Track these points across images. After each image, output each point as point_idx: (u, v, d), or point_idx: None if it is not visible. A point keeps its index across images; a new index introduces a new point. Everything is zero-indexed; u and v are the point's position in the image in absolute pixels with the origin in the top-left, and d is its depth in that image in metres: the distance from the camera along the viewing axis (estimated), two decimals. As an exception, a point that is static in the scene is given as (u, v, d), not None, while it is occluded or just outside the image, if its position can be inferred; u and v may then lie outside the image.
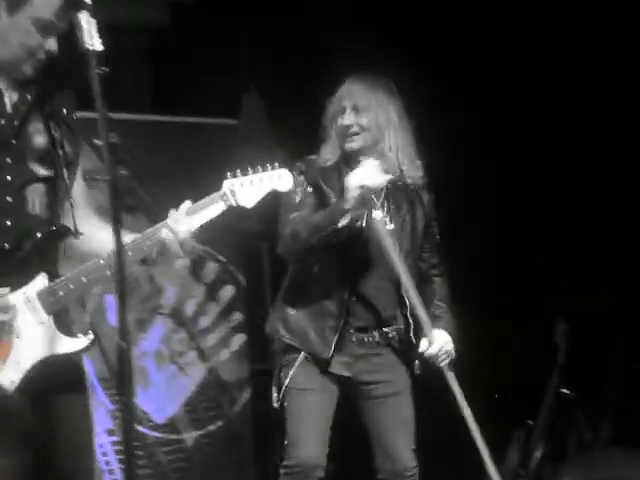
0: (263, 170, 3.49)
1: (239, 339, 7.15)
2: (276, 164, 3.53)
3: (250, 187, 3.43)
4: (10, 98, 3.26)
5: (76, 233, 3.21)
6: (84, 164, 3.47)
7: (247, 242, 7.34)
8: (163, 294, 6.91)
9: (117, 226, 2.62)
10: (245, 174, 3.45)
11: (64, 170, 3.20)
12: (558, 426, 6.59)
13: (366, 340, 4.68)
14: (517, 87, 6.87)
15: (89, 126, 3.15)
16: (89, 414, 3.31)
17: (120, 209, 2.68)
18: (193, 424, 6.96)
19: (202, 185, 3.61)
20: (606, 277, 6.85)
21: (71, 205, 3.23)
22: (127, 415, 2.72)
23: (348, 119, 4.62)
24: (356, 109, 4.63)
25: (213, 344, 7.08)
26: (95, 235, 3.27)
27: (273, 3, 7.47)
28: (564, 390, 6.48)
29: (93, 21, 3.01)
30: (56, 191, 3.24)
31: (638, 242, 6.80)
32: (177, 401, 6.91)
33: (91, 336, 3.21)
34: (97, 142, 2.76)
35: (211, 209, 3.36)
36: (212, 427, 7.01)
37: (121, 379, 2.70)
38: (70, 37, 3.10)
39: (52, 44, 3.25)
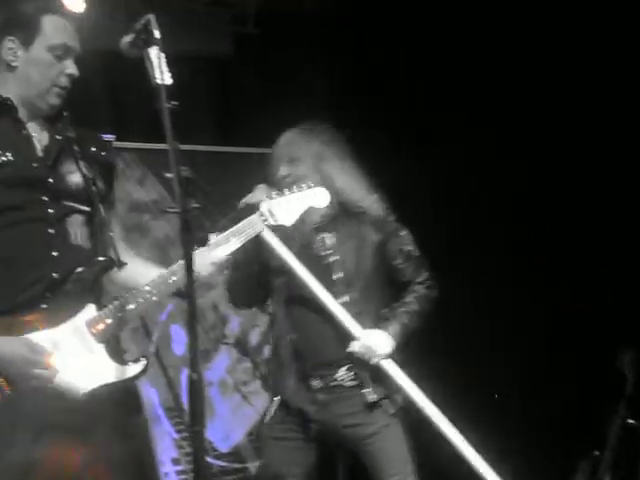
0: (299, 190, 3.60)
1: (303, 369, 7.15)
2: (311, 184, 3.65)
3: (287, 206, 3.56)
4: (40, 142, 3.33)
5: (119, 264, 3.25)
6: (150, 195, 3.53)
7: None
8: (227, 324, 6.95)
9: (188, 257, 2.66)
10: (281, 195, 3.57)
11: (99, 205, 3.26)
12: (625, 457, 6.50)
13: (326, 385, 4.49)
14: (521, 90, 6.80)
15: (158, 159, 3.20)
16: (148, 439, 3.32)
17: (191, 241, 2.72)
18: (257, 453, 6.96)
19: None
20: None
21: (111, 237, 3.28)
22: (198, 445, 2.74)
23: (283, 170, 4.50)
24: (291, 160, 4.53)
25: (278, 374, 7.08)
26: (130, 267, 3.31)
27: (335, 34, 7.52)
28: (631, 421, 6.39)
29: (163, 55, 3.07)
30: (95, 223, 3.29)
31: None
32: (241, 430, 6.93)
33: (143, 363, 3.22)
34: (168, 175, 2.81)
35: (250, 229, 3.44)
36: (276, 456, 7.01)
37: (192, 409, 2.73)
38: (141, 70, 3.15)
39: (71, 67, 3.33)
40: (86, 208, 3.30)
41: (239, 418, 6.93)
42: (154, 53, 3.09)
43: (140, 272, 3.22)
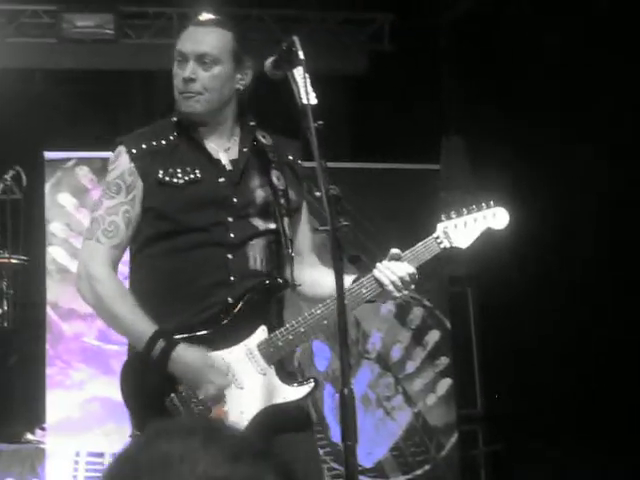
0: (477, 210, 3.46)
1: (445, 384, 7.14)
2: (491, 202, 3.50)
3: (464, 229, 3.43)
4: (227, 155, 3.38)
5: (293, 286, 3.29)
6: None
7: (452, 286, 7.37)
8: (369, 339, 6.99)
9: (339, 275, 2.68)
10: (459, 215, 3.44)
11: (285, 220, 3.28)
12: None
13: None
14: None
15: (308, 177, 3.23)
16: (318, 455, 3.35)
17: (341, 260, 2.74)
18: (400, 468, 6.97)
19: (406, 230, 3.66)
20: None
21: (291, 256, 3.31)
22: (350, 459, 2.77)
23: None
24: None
25: (419, 389, 7.10)
26: (319, 281, 3.32)
27: (469, 51, 7.50)
28: None
29: (307, 76, 3.11)
30: (276, 244, 3.33)
31: None
32: (385, 445, 6.95)
33: (312, 383, 3.25)
34: (317, 194, 2.85)
35: (426, 252, 3.36)
36: (419, 472, 7.02)
37: (344, 424, 2.75)
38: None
39: (185, 71, 3.33)
40: (270, 226, 3.33)
41: (382, 433, 6.95)
42: (299, 74, 3.13)
43: (326, 286, 3.20)
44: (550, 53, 6.80)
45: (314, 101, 3.07)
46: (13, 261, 7.72)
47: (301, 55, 3.12)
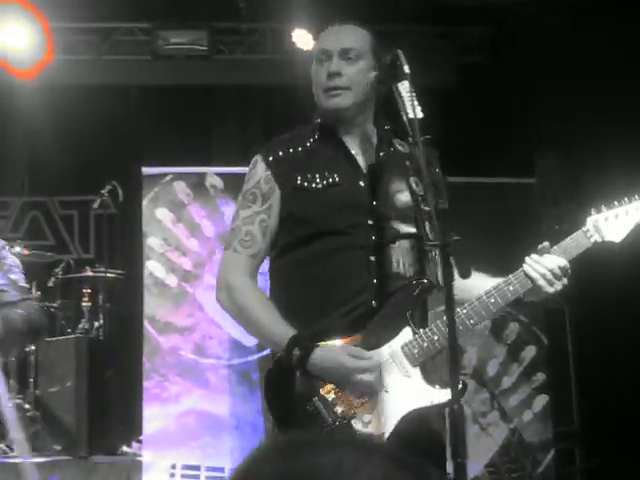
0: (629, 202, 3.35)
1: (542, 400, 7.06)
2: None
3: (615, 221, 3.31)
4: (366, 159, 3.36)
5: (439, 287, 3.24)
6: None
7: (549, 302, 7.26)
8: (464, 354, 6.94)
9: (449, 290, 2.65)
10: (610, 207, 3.34)
11: (426, 224, 3.24)
12: None
13: None
14: None
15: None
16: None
17: (451, 274, 2.71)
18: (496, 485, 6.91)
19: (499, 245, 3.61)
20: None
21: (435, 259, 3.27)
22: (460, 477, 2.74)
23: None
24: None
25: (516, 405, 7.02)
26: (463, 283, 3.26)
27: (565, 64, 7.42)
28: None
29: (413, 90, 3.09)
30: (417, 247, 3.31)
31: None
32: (480, 461, 6.89)
33: (460, 385, 3.18)
34: (426, 208, 2.83)
35: (576, 247, 3.28)
36: (515, 488, 6.95)
37: (454, 441, 2.72)
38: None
39: (331, 66, 3.30)
40: (411, 230, 3.31)
41: (478, 449, 6.89)
42: (404, 87, 3.11)
43: (473, 287, 3.17)
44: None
45: (420, 115, 3.05)
46: (109, 275, 7.86)
47: (406, 69, 3.10)
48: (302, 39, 8.55)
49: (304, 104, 3.55)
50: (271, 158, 3.31)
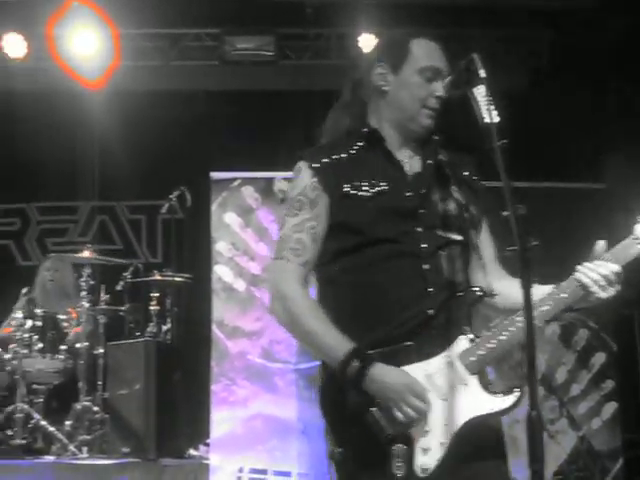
0: None
1: (611, 407, 6.97)
2: None
3: None
4: (411, 169, 3.35)
5: (490, 294, 3.23)
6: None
7: (618, 308, 7.20)
8: (533, 361, 6.88)
9: (528, 296, 2.64)
10: None
11: (471, 232, 3.24)
12: None
13: None
14: None
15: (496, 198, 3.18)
16: None
17: (530, 279, 2.69)
18: (564, 494, 6.85)
19: (569, 250, 3.55)
20: None
21: (483, 267, 3.26)
22: (538, 483, 2.71)
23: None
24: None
25: (584, 412, 6.95)
26: (511, 291, 3.25)
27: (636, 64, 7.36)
28: None
29: (489, 94, 3.07)
30: (464, 255, 3.30)
31: None
32: (549, 469, 6.82)
33: (517, 394, 3.17)
34: (504, 213, 2.81)
35: (625, 254, 3.24)
36: (582, 497, 6.88)
37: (532, 448, 2.70)
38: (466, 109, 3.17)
39: (439, 89, 3.32)
40: (459, 237, 3.30)
41: (546, 457, 6.80)
42: (479, 92, 3.10)
43: (516, 297, 3.16)
44: None
45: (497, 119, 3.03)
46: (177, 279, 7.92)
47: (482, 73, 3.09)
48: (369, 44, 8.56)
49: (341, 108, 3.54)
50: (316, 165, 3.29)
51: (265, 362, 6.63)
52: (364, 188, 3.25)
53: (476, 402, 3.11)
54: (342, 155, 3.32)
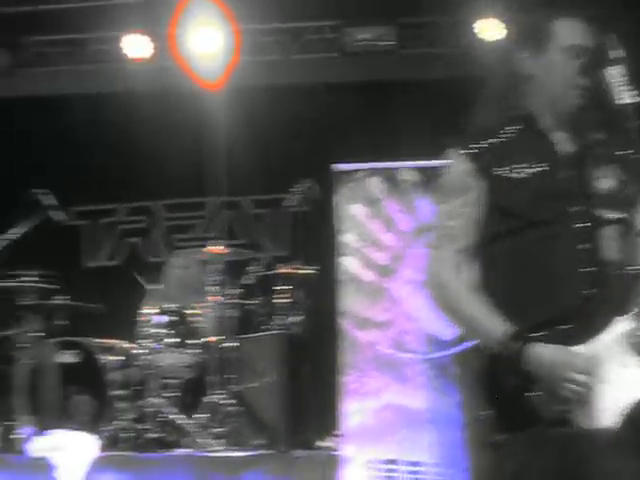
0: None
1: None
2: None
3: None
4: (566, 150, 3.30)
5: None
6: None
7: None
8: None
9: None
10: None
11: (631, 210, 3.18)
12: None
13: None
14: None
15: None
16: None
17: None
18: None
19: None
20: None
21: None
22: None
23: None
24: None
25: None
26: None
27: None
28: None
29: (625, 74, 3.01)
30: (626, 233, 3.24)
31: None
32: None
33: None
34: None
35: None
36: None
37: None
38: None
39: (585, 67, 3.26)
40: (618, 215, 3.25)
41: None
42: (615, 73, 3.04)
43: None
44: None
45: (637, 99, 2.98)
46: (305, 272, 7.95)
47: (620, 53, 3.03)
48: (487, 29, 8.49)
49: (489, 94, 3.48)
50: (470, 150, 3.28)
51: (395, 352, 6.62)
52: (520, 170, 3.22)
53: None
54: (496, 140, 3.30)
